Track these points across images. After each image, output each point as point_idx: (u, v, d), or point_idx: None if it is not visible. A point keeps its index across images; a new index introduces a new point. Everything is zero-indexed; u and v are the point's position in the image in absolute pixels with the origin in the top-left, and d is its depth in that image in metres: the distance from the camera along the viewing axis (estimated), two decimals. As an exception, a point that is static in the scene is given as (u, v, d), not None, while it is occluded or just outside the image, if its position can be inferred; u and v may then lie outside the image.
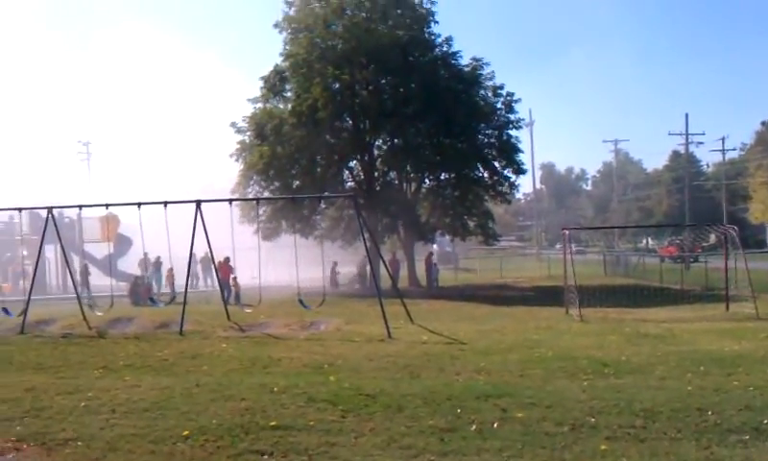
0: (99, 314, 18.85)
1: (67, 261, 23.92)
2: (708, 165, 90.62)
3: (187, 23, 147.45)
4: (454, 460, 6.39)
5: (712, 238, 47.51)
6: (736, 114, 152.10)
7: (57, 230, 19.47)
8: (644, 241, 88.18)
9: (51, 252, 32.36)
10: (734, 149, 79.51)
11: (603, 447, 6.62)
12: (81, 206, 20.85)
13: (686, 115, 61.64)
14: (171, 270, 28.14)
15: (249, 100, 35.19)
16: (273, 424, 7.59)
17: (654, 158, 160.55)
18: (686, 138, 60.34)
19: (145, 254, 24.89)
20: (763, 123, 78.29)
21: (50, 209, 19.08)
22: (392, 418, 7.82)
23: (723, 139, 70.22)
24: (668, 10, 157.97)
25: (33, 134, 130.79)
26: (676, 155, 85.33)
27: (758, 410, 7.79)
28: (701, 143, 73.11)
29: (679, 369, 10.49)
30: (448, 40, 35.09)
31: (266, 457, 6.58)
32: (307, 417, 7.91)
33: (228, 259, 25.63)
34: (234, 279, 26.27)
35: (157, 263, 31.14)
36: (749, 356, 11.55)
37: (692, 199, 58.55)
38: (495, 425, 7.40)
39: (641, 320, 17.77)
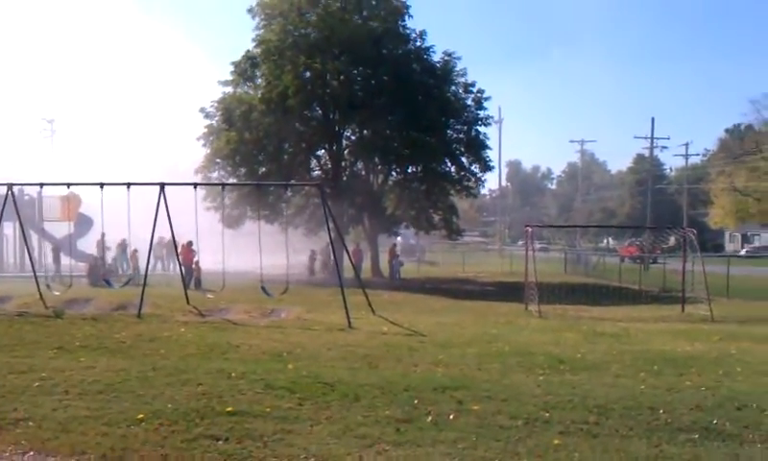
0: (56, 294, 18.56)
1: (26, 239, 23.53)
2: (671, 169, 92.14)
3: (157, 2, 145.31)
4: (409, 450, 6.41)
5: (672, 240, 48.29)
6: (701, 121, 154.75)
7: (16, 207, 19.14)
8: (605, 241, 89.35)
9: (9, 229, 31.79)
10: (697, 154, 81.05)
11: (556, 441, 6.69)
12: (42, 185, 20.52)
13: (653, 120, 62.95)
14: (135, 252, 27.77)
15: (219, 82, 34.94)
16: (229, 409, 7.56)
17: (618, 160, 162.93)
18: (651, 142, 61.26)
19: (102, 235, 24.52)
20: (726, 130, 79.73)
21: (10, 186, 18.74)
22: (348, 407, 7.84)
23: (687, 145, 71.49)
24: (640, 15, 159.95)
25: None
26: (640, 158, 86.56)
27: (709, 410, 7.94)
28: (665, 147, 74.70)
29: (633, 367, 10.67)
30: (422, 35, 35.15)
31: (221, 443, 6.53)
32: (264, 404, 7.88)
33: (190, 243, 25.35)
34: (196, 263, 26.03)
35: (123, 245, 30.59)
36: (701, 358, 11.78)
37: (654, 202, 59.42)
38: (451, 417, 7.45)
39: (599, 318, 18.01)
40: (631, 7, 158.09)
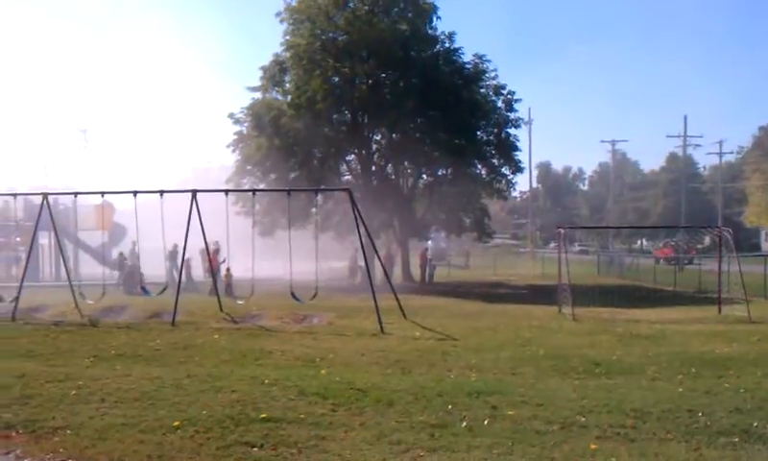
0: (90, 302, 18.75)
1: (61, 249, 23.84)
2: (704, 168, 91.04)
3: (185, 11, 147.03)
4: (444, 456, 6.38)
5: (707, 240, 47.77)
6: (735, 118, 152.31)
7: (51, 216, 19.40)
8: (639, 242, 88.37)
9: (44, 239, 32.25)
10: (731, 153, 79.87)
11: (593, 446, 6.62)
12: (76, 194, 20.81)
13: (685, 118, 62.26)
14: (189, 260, 27.46)
15: (248, 88, 35.21)
16: (263, 416, 7.59)
17: (651, 160, 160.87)
18: (684, 141, 60.61)
19: (133, 243, 24.64)
20: (761, 128, 78.46)
21: (45, 196, 19.01)
22: (382, 413, 7.82)
23: (720, 143, 70.46)
24: (669, 11, 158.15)
25: (31, 121, 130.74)
26: (673, 156, 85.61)
27: (748, 413, 7.81)
28: (698, 146, 73.86)
29: (670, 370, 10.52)
30: (450, 36, 35.06)
31: (255, 449, 6.57)
32: (298, 410, 7.90)
33: (216, 251, 25.46)
34: (228, 270, 26.11)
35: (174, 252, 28.47)
36: (740, 359, 11.58)
37: (688, 201, 58.77)
38: (486, 422, 7.41)
39: (634, 320, 17.77)
40: (661, 3, 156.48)
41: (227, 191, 19.63)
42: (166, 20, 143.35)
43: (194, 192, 17.83)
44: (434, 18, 34.59)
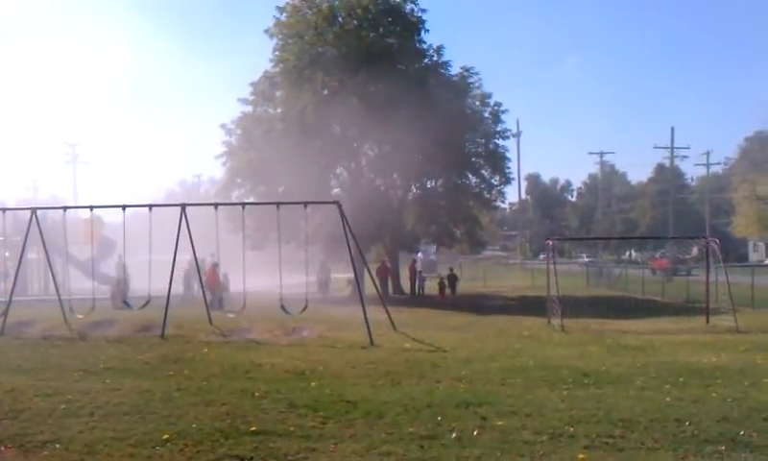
0: (79, 316, 18.66)
1: (50, 263, 23.73)
2: (692, 179, 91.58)
3: (179, 24, 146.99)
4: (433, 467, 6.42)
5: (695, 251, 47.99)
6: (721, 129, 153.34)
7: (40, 231, 19.32)
8: (627, 253, 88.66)
9: (32, 253, 32.06)
10: (719, 163, 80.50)
11: (581, 456, 6.67)
12: (65, 208, 20.74)
13: (672, 129, 62.57)
14: (225, 275, 26.58)
15: (239, 100, 35.19)
16: (253, 429, 7.60)
17: (639, 171, 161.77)
18: (672, 152, 61.03)
19: (119, 257, 24.46)
20: (747, 138, 79.00)
21: (34, 210, 18.94)
22: (372, 424, 7.85)
23: (707, 154, 71.08)
24: (656, 23, 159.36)
25: (20, 135, 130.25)
26: (661, 168, 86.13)
27: (735, 421, 7.88)
28: (686, 157, 74.24)
29: (658, 380, 10.58)
30: (439, 50, 35.35)
31: (245, 462, 6.58)
32: (288, 422, 7.92)
33: (214, 265, 25.38)
34: (218, 283, 26.01)
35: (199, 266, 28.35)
36: (727, 368, 11.66)
37: (676, 212, 59.11)
38: (475, 433, 7.44)
39: (622, 331, 17.88)
40: (646, 15, 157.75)
41: (216, 205, 19.63)
42: (154, 32, 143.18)
43: (183, 206, 17.83)
44: (422, 32, 34.85)
